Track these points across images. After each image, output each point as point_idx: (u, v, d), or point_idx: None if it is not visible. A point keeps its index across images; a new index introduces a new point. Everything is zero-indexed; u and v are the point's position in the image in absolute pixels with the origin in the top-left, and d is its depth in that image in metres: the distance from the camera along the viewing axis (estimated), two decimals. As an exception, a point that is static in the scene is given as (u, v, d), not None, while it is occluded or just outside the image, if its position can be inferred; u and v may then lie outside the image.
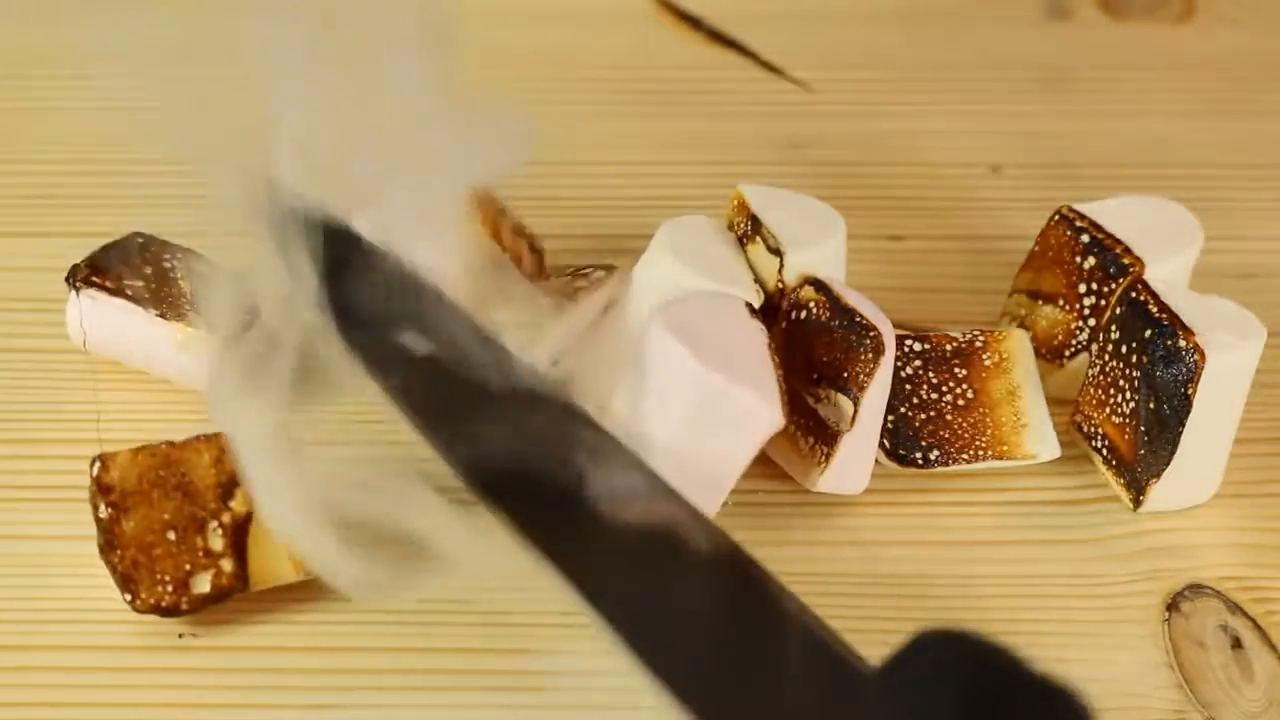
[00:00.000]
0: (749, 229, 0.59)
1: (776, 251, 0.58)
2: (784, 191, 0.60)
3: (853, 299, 0.56)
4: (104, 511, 0.52)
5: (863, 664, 0.48)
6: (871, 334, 0.55)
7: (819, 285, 0.56)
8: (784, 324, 0.57)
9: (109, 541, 0.52)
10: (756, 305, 0.57)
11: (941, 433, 0.57)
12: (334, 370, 0.50)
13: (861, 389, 0.55)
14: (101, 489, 0.52)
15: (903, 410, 0.57)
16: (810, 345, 0.56)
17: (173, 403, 0.59)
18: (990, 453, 0.57)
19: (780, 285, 0.58)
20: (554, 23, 0.74)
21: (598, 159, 0.68)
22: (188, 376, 0.58)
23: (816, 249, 0.58)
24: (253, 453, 0.50)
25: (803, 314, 0.56)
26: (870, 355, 0.55)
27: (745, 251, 0.59)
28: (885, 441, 0.57)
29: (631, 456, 0.50)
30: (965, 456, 0.57)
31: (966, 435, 0.57)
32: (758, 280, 0.58)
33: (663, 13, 0.75)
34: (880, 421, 0.56)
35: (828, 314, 0.56)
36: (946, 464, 0.57)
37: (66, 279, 0.58)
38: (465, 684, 0.52)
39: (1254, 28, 0.75)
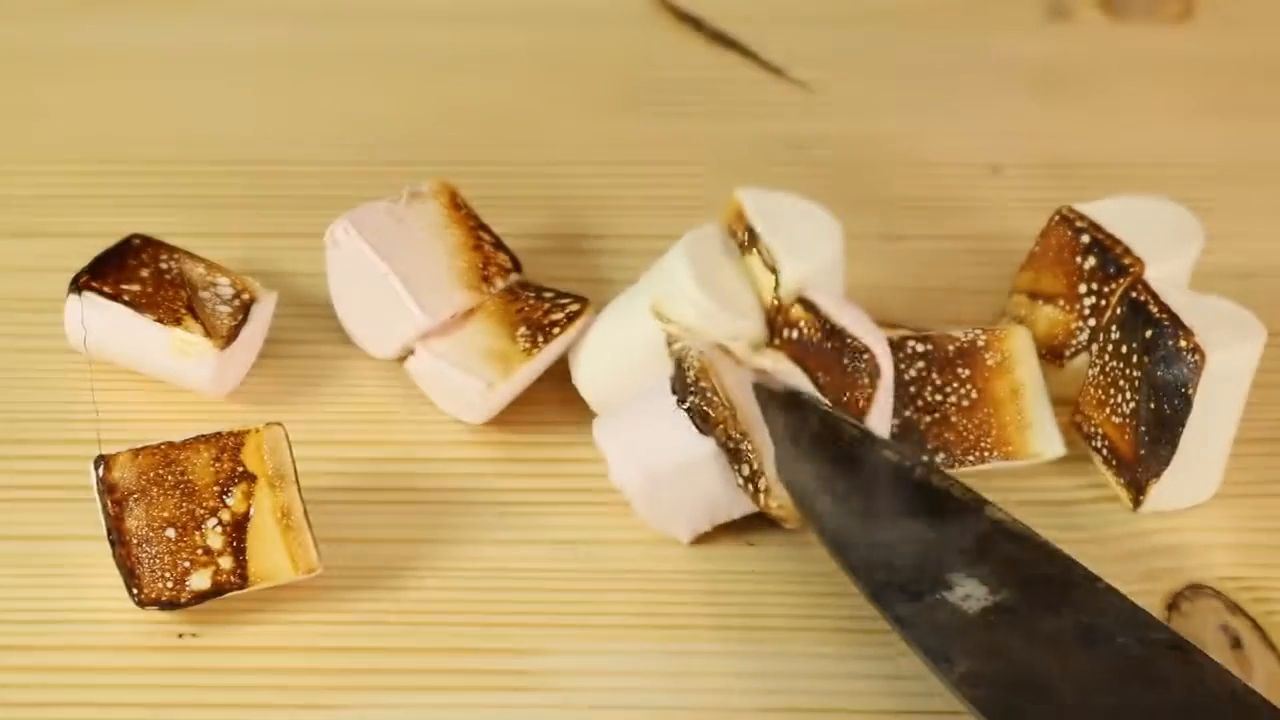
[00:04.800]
0: (747, 240, 0.58)
1: (772, 269, 0.57)
2: (782, 196, 0.59)
3: (843, 317, 0.56)
4: (109, 509, 0.52)
5: None
6: (865, 356, 0.55)
7: (808, 305, 0.56)
8: (777, 342, 0.57)
9: (115, 538, 0.52)
10: (762, 336, 0.57)
11: (946, 435, 0.57)
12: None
13: (863, 414, 0.55)
14: (106, 488, 0.52)
15: (907, 414, 0.57)
16: (808, 365, 0.56)
17: (171, 403, 0.59)
18: (995, 453, 0.57)
19: (776, 303, 0.57)
20: (554, 23, 0.74)
21: (597, 159, 0.68)
22: (183, 379, 0.58)
23: (812, 262, 0.58)
24: None
25: (795, 333, 0.56)
26: (868, 380, 0.55)
27: (745, 263, 0.58)
28: (890, 445, 0.57)
29: None
30: (970, 458, 0.57)
31: (971, 437, 0.57)
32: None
33: (663, 13, 0.75)
34: (887, 431, 0.56)
35: (819, 334, 0.56)
36: (952, 466, 0.57)
37: (70, 286, 0.58)
38: (465, 684, 0.52)
39: (1254, 28, 0.75)
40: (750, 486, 0.54)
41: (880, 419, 0.55)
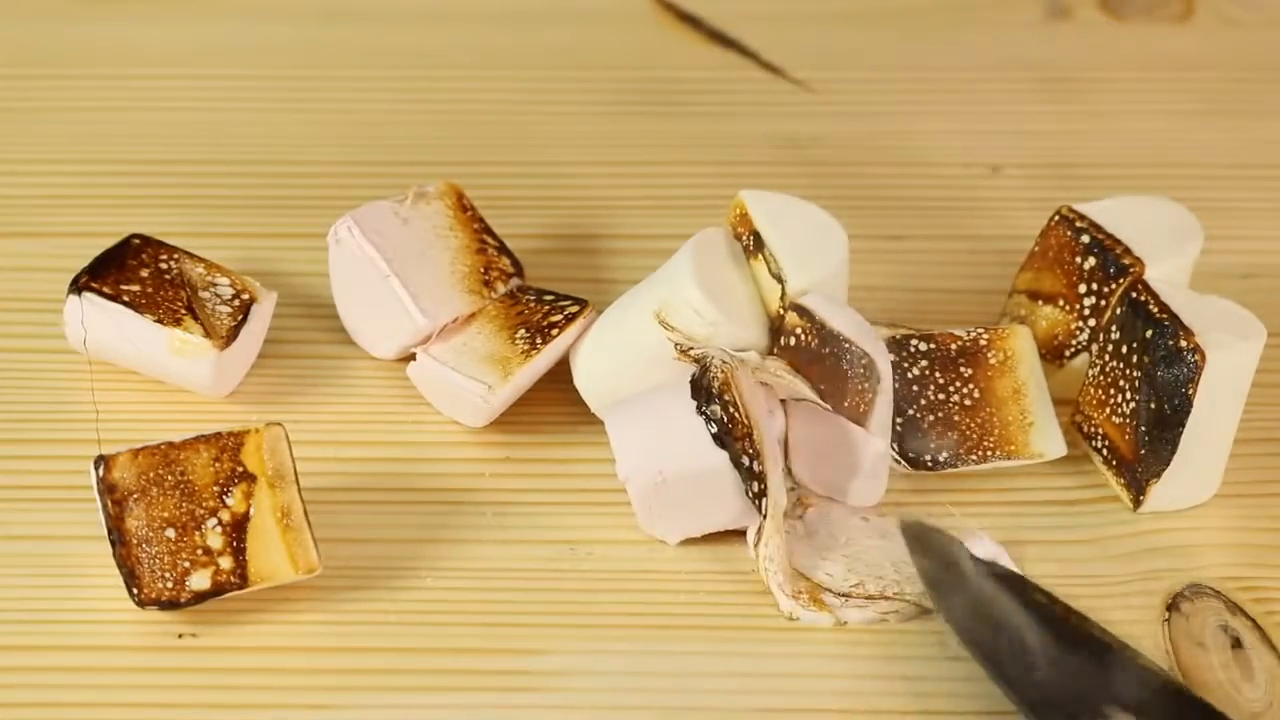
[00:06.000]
0: (752, 245, 0.58)
1: (778, 278, 0.57)
2: (786, 199, 0.59)
3: (839, 323, 0.55)
4: (109, 510, 0.52)
5: None
6: (864, 362, 0.55)
7: (802, 311, 0.56)
8: (776, 350, 0.57)
9: (115, 538, 0.52)
10: (765, 345, 0.57)
11: (950, 434, 0.57)
12: None
13: (864, 420, 0.55)
14: (106, 488, 0.52)
15: (911, 413, 0.57)
16: (808, 372, 0.56)
17: (170, 403, 0.59)
18: (997, 452, 0.57)
19: (782, 312, 0.57)
20: (554, 23, 0.74)
21: (596, 159, 0.68)
22: (183, 379, 0.58)
23: (819, 272, 0.57)
24: None
25: (793, 340, 0.56)
26: (866, 385, 0.55)
27: (752, 267, 0.58)
28: (895, 444, 0.56)
29: None
30: (974, 457, 0.57)
31: (974, 435, 0.57)
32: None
33: (663, 13, 0.75)
34: (889, 434, 0.56)
35: (816, 341, 0.56)
36: (955, 465, 0.57)
37: (70, 286, 0.58)
38: (465, 684, 0.52)
39: (1254, 28, 0.75)
40: (758, 503, 0.54)
41: (880, 423, 0.55)
